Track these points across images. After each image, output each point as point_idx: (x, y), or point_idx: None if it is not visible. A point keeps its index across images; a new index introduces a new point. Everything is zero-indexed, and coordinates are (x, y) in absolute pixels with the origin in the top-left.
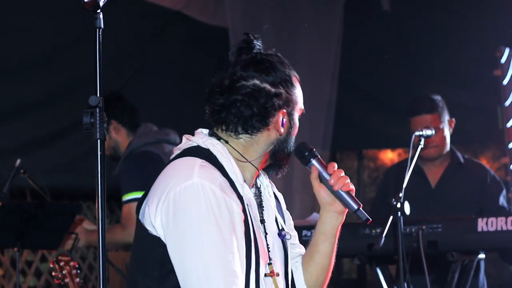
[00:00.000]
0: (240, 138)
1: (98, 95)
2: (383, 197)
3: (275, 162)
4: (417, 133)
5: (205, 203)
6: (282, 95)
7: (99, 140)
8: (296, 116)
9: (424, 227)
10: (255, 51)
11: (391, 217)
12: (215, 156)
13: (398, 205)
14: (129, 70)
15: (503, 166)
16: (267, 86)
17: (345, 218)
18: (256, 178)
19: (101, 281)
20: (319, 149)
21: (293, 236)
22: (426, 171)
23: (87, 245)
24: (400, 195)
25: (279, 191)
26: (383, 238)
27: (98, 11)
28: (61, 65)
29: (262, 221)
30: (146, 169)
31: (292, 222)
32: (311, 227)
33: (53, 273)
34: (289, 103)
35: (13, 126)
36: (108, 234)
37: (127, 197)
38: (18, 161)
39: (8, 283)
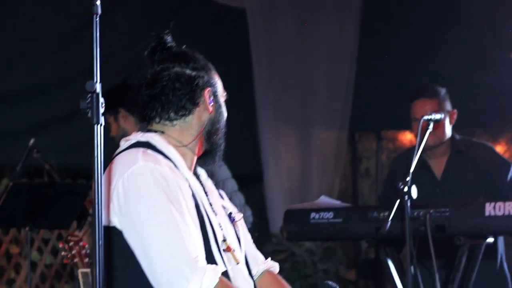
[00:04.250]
0: (175, 125)
1: (95, 81)
2: (391, 185)
3: (211, 147)
4: (426, 117)
5: (154, 182)
6: (204, 76)
7: (95, 125)
8: (221, 99)
9: (431, 211)
10: (168, 46)
11: (398, 201)
12: (154, 145)
13: (405, 189)
14: (142, 53)
15: None
16: (188, 71)
17: (354, 199)
18: (194, 167)
19: (97, 260)
20: (337, 130)
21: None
22: (431, 164)
23: None
24: (407, 179)
25: (297, 175)
26: (389, 222)
27: None
28: (75, 46)
29: (210, 204)
30: None
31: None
32: (320, 209)
33: (62, 253)
34: (211, 83)
35: (26, 107)
36: None
37: None
38: (32, 141)
39: (25, 261)
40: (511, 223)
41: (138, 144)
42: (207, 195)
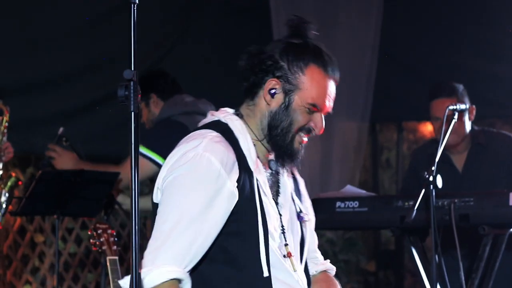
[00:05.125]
0: (250, 106)
1: (132, 69)
2: (412, 176)
3: (274, 145)
4: (451, 107)
5: (200, 176)
6: (282, 66)
7: (132, 113)
8: (296, 100)
9: (456, 200)
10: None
11: (423, 190)
12: (231, 130)
13: (431, 179)
14: (168, 41)
15: None
16: (275, 55)
17: (375, 190)
18: (270, 162)
19: (134, 243)
20: (358, 121)
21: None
22: (452, 158)
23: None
24: (433, 168)
25: (318, 165)
26: (415, 211)
27: None
28: (102, 34)
29: (277, 202)
30: (165, 136)
31: (311, 211)
32: (345, 198)
33: (91, 240)
34: (288, 78)
35: (53, 95)
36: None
37: (141, 148)
38: (61, 129)
39: (49, 249)
40: None
41: (217, 124)
42: (278, 193)
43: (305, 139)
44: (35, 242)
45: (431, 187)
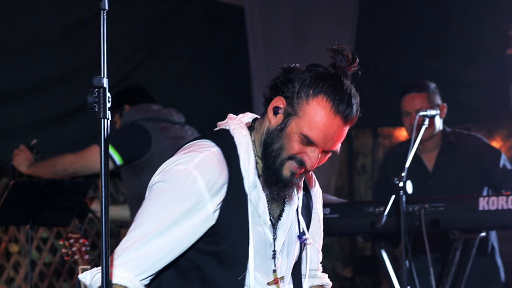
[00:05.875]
0: (260, 120)
1: (102, 76)
2: (383, 176)
3: (264, 169)
4: (421, 113)
5: (183, 192)
6: (293, 88)
7: (102, 120)
8: (292, 125)
9: (426, 205)
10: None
11: (393, 196)
12: (236, 146)
13: (401, 184)
14: (142, 50)
15: None
16: (294, 75)
17: (350, 196)
18: None
19: (104, 249)
20: None
21: (314, 247)
22: (423, 157)
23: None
24: (403, 174)
25: None
26: (385, 217)
27: None
28: (73, 45)
29: (274, 223)
30: (127, 137)
31: (321, 225)
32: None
33: (63, 250)
34: (292, 101)
35: (24, 106)
36: (57, 159)
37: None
38: (34, 141)
39: (24, 259)
40: (505, 217)
41: (224, 137)
42: (282, 213)
43: (298, 170)
44: (9, 252)
45: (401, 193)
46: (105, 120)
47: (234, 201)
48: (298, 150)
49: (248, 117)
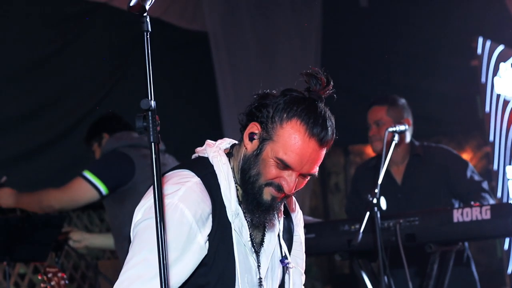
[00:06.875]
0: (237, 147)
1: (150, 98)
2: (355, 194)
3: (244, 195)
4: (390, 129)
5: (169, 225)
6: (267, 113)
7: (153, 144)
8: (267, 150)
9: (401, 220)
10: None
11: (368, 213)
12: (216, 175)
13: (375, 201)
14: (110, 79)
15: (486, 156)
16: (268, 101)
17: (325, 215)
18: None
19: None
20: None
21: (297, 270)
22: (391, 170)
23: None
24: (376, 191)
25: None
26: (361, 234)
27: (145, 14)
28: (42, 79)
29: (257, 250)
30: (110, 165)
31: (302, 247)
32: None
33: (41, 285)
34: (267, 127)
35: None
36: (42, 194)
37: (86, 173)
38: (4, 178)
39: None
40: (479, 228)
41: (203, 165)
42: (262, 243)
43: (278, 194)
44: None
45: (376, 209)
46: (157, 144)
47: (220, 231)
48: (275, 175)
49: (226, 143)
